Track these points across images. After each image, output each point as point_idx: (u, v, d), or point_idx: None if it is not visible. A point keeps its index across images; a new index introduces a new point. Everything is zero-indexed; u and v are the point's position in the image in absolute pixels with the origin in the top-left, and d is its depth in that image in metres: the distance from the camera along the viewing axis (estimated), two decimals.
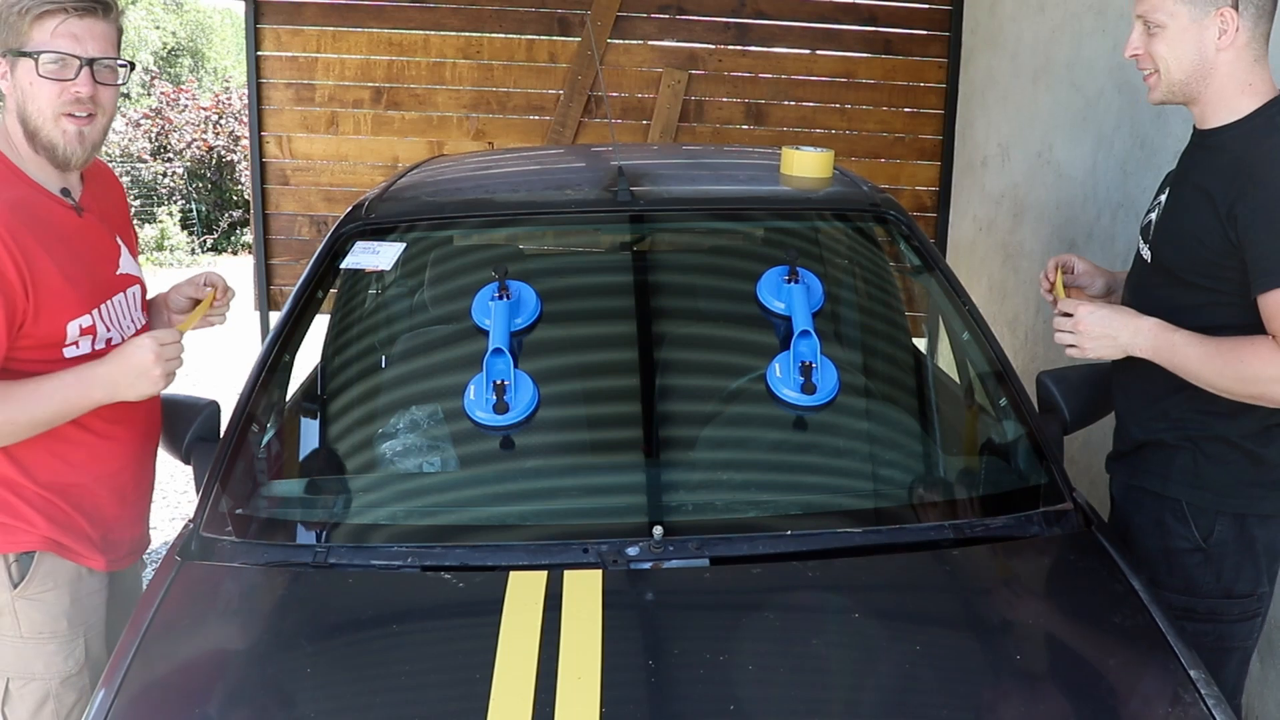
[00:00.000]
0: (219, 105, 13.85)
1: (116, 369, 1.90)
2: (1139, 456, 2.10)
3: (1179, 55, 1.90)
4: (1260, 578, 2.04)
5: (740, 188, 2.67)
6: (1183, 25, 1.88)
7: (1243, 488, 1.99)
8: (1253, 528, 2.00)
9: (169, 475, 4.88)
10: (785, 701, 1.53)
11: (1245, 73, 1.88)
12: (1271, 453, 1.97)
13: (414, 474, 2.08)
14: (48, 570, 1.98)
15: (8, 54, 1.88)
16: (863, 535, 1.86)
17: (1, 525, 1.94)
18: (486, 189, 2.52)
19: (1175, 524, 2.03)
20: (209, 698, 1.58)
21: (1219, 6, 1.84)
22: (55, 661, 2.00)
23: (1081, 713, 1.52)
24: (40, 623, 1.98)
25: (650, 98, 5.05)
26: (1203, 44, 1.87)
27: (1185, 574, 2.02)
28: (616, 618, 1.64)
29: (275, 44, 5.02)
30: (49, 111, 1.88)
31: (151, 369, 1.90)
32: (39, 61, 1.85)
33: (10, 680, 2.00)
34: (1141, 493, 2.09)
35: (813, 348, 2.04)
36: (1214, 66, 1.89)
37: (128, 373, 1.90)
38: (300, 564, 1.83)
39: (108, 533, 2.06)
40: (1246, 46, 1.87)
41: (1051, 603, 1.80)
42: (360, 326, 2.45)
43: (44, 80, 1.86)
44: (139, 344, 1.91)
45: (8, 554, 1.95)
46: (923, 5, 4.99)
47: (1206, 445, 1.99)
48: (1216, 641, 2.00)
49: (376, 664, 1.61)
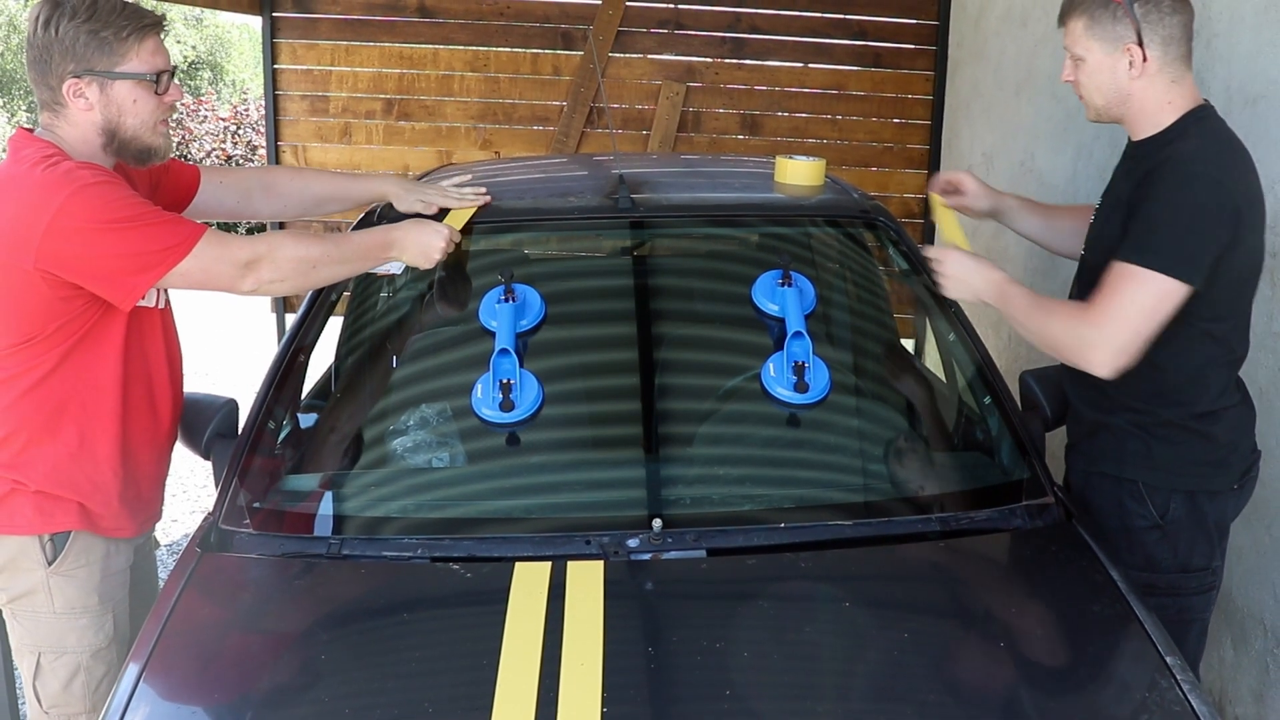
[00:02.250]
0: (237, 116, 13.84)
1: (410, 236, 2.11)
2: (1094, 443, 2.12)
3: (1098, 85, 2.01)
4: (1213, 552, 2.08)
5: (736, 195, 2.66)
6: (1097, 59, 1.98)
7: (1193, 467, 2.03)
8: (1203, 504, 2.04)
9: (189, 470, 4.88)
10: (779, 686, 1.53)
11: (1162, 94, 1.97)
12: (1218, 431, 2.02)
13: (423, 469, 2.08)
14: (81, 548, 1.99)
15: (96, 74, 1.89)
16: (853, 528, 1.86)
17: (38, 506, 1.95)
18: (493, 196, 2.51)
19: (1133, 504, 2.06)
20: (228, 680, 1.58)
21: (1125, 43, 1.94)
22: (87, 635, 2.01)
23: (1062, 697, 1.52)
24: (73, 598, 1.99)
25: (650, 109, 5.05)
26: (1116, 75, 1.97)
27: (1145, 551, 2.05)
28: (618, 607, 1.64)
29: (291, 58, 5.02)
30: (151, 121, 1.96)
31: (434, 250, 2.11)
32: (159, 81, 1.95)
33: (42, 654, 2.01)
34: (1100, 477, 2.11)
35: (805, 348, 2.04)
36: (1129, 93, 1.98)
37: (419, 242, 2.11)
38: (315, 555, 1.83)
39: (140, 490, 2.08)
40: (1159, 73, 1.95)
41: (1033, 592, 1.80)
42: (372, 328, 2.45)
43: (150, 95, 1.94)
44: (437, 228, 2.13)
45: (43, 534, 1.96)
46: (910, 21, 4.99)
47: (1156, 429, 2.03)
48: (1177, 614, 2.02)
49: (388, 650, 1.61)
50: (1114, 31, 1.94)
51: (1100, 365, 1.90)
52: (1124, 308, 1.87)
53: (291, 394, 2.23)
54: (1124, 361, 1.89)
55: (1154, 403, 2.02)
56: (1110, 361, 1.89)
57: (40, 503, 1.95)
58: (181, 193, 2.27)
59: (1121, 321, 1.87)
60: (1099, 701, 1.52)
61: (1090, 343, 1.89)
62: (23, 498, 1.95)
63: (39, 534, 1.96)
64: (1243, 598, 2.62)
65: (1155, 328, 1.88)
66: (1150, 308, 1.86)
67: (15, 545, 1.97)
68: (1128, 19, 1.92)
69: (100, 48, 1.88)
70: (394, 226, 2.13)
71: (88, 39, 1.88)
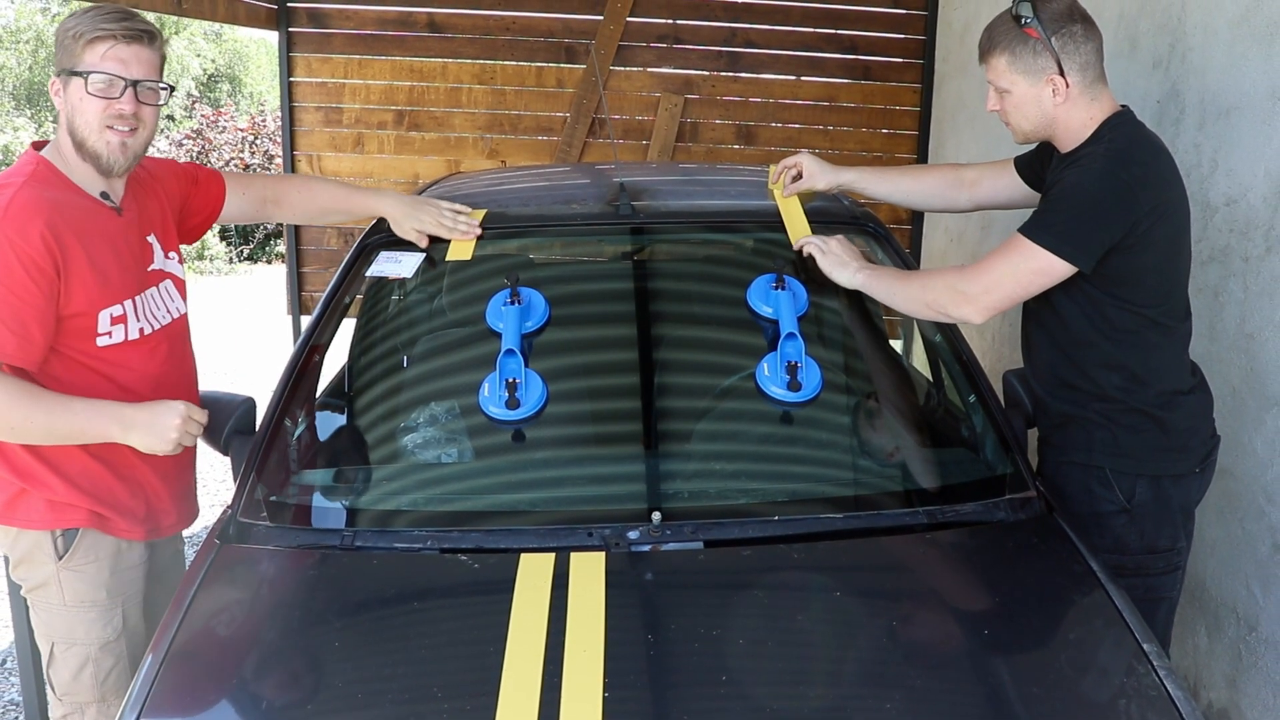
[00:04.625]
0: (255, 127, 13.85)
1: (142, 416, 1.91)
2: (1063, 435, 2.14)
3: (1025, 114, 2.07)
4: (1178, 533, 2.11)
5: (732, 202, 2.66)
6: (1023, 91, 2.04)
7: (1155, 453, 2.06)
8: (1167, 488, 2.07)
9: (209, 466, 4.88)
10: (773, 671, 1.53)
11: (1084, 112, 2.03)
12: (1174, 418, 2.06)
13: (433, 464, 2.08)
14: (90, 544, 1.99)
15: (62, 74, 1.92)
16: (843, 520, 1.86)
17: (49, 504, 1.95)
18: (500, 203, 2.51)
19: (1101, 489, 2.08)
20: (245, 666, 1.58)
21: (1048, 74, 2.00)
22: (95, 629, 2.01)
23: (1044, 681, 1.52)
24: (82, 592, 1.99)
25: (649, 120, 5.05)
26: (1042, 103, 2.04)
27: (1114, 534, 2.07)
28: (618, 596, 1.64)
29: (306, 71, 5.02)
30: (95, 124, 1.91)
31: (170, 432, 1.90)
32: (88, 81, 1.89)
33: (55, 644, 2.01)
34: (1070, 466, 2.13)
35: (798, 349, 2.04)
36: (1055, 118, 2.05)
37: (150, 425, 1.90)
38: (329, 547, 1.83)
39: (150, 505, 2.07)
40: (1081, 95, 2.02)
41: (1016, 582, 1.80)
42: (384, 329, 2.45)
43: (91, 97, 1.89)
44: (173, 407, 1.92)
45: (54, 529, 1.96)
46: (899, 36, 4.99)
47: (1120, 417, 2.06)
48: (1146, 594, 2.03)
49: (399, 637, 1.61)
50: (1035, 64, 2.01)
51: (970, 316, 2.02)
52: (1005, 272, 1.98)
53: (307, 393, 2.23)
54: (988, 317, 2.02)
55: (1120, 393, 2.05)
56: (978, 315, 2.01)
57: (52, 502, 1.96)
58: (213, 202, 2.30)
59: (999, 284, 1.98)
60: (1079, 686, 1.52)
61: (968, 296, 2.00)
62: (36, 497, 1.95)
63: (50, 529, 1.96)
64: (1216, 588, 2.62)
65: (1026, 296, 2.02)
66: (1027, 279, 1.97)
67: (30, 539, 1.97)
68: (1047, 52, 2.00)
69: (66, 48, 1.90)
70: (127, 408, 1.91)
71: (61, 38, 1.91)
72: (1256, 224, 2.43)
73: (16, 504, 1.96)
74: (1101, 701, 1.49)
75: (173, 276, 2.14)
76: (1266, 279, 2.40)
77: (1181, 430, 2.07)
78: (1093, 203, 1.93)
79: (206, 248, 12.60)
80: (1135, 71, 2.98)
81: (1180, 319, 2.09)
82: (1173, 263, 2.04)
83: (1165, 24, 2.83)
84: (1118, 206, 1.92)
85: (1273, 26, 2.37)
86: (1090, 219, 1.93)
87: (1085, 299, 2.02)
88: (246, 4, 4.73)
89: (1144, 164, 1.96)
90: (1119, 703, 1.48)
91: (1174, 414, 2.06)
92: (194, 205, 2.26)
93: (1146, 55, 2.93)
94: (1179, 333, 2.09)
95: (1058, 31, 1.98)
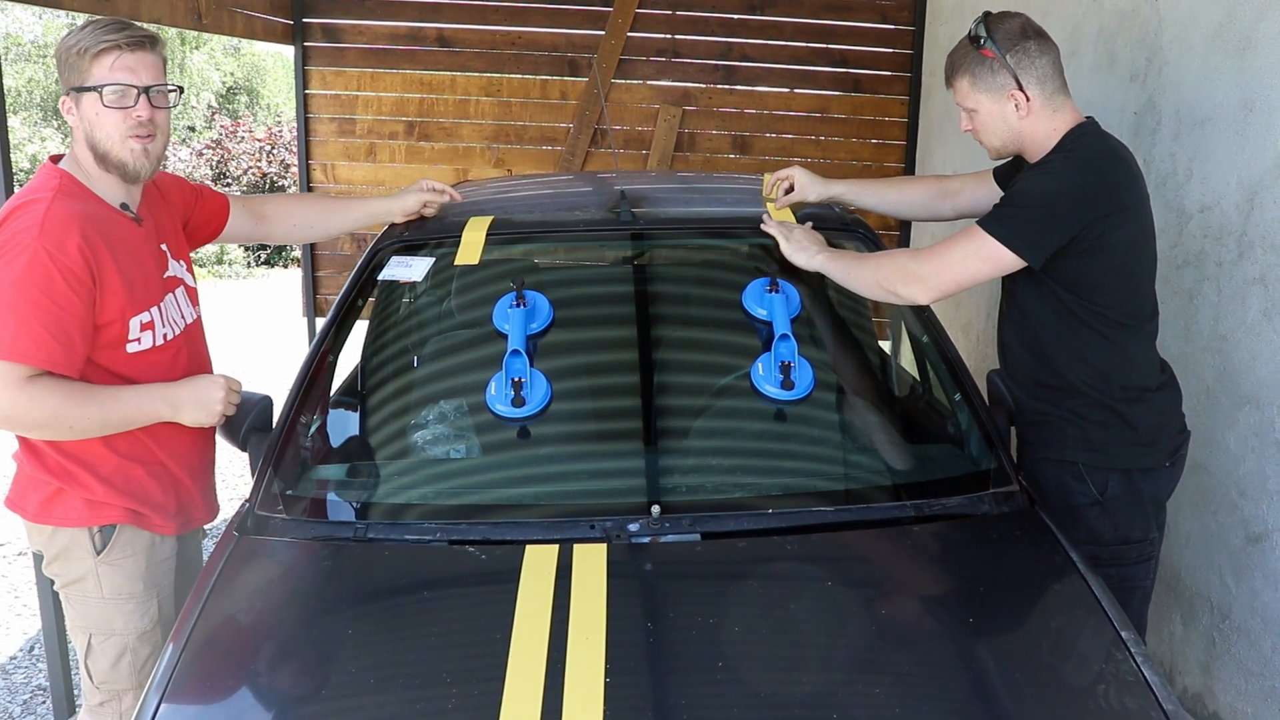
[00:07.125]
0: (271, 137, 13.83)
1: (186, 393, 1.95)
2: (1038, 432, 2.15)
3: (993, 131, 2.10)
4: (1149, 524, 2.11)
5: (728, 209, 2.66)
6: (988, 109, 2.07)
7: (1125, 447, 2.07)
8: (1139, 481, 2.08)
9: (228, 461, 4.88)
10: (768, 659, 1.53)
11: (1048, 124, 2.05)
12: (1142, 414, 2.07)
13: (442, 460, 2.08)
14: (127, 540, 1.98)
15: (71, 91, 1.89)
16: (835, 513, 1.86)
17: (87, 502, 1.95)
18: (506, 210, 2.51)
19: (1075, 483, 2.08)
20: (262, 652, 1.58)
21: (1008, 90, 2.03)
22: (133, 619, 2.00)
23: (1026, 667, 1.52)
24: (120, 585, 1.99)
25: (649, 130, 5.05)
26: (1006, 119, 2.06)
27: (1088, 526, 2.08)
28: (620, 586, 1.64)
29: (321, 84, 5.02)
30: (117, 135, 1.88)
31: (214, 404, 1.97)
32: (103, 94, 1.85)
33: (93, 636, 2.01)
34: (1045, 461, 2.13)
35: (791, 349, 2.04)
36: (1021, 131, 2.07)
37: (195, 400, 1.95)
38: (342, 539, 1.83)
39: (180, 501, 2.07)
40: (1044, 108, 2.04)
41: (999, 572, 1.79)
42: (395, 331, 2.45)
43: (109, 110, 1.86)
44: (214, 380, 1.99)
45: (92, 526, 1.95)
46: (887, 50, 4.99)
47: (1089, 413, 2.06)
48: (1120, 583, 2.03)
49: (409, 625, 1.61)
50: (995, 82, 2.04)
51: (917, 296, 2.04)
52: (956, 258, 2.00)
53: (321, 391, 2.23)
54: (935, 299, 2.05)
55: (1090, 390, 2.05)
56: (925, 296, 2.04)
57: (89, 501, 1.95)
58: (214, 219, 2.29)
59: (949, 267, 2.01)
60: (1060, 671, 1.52)
61: (918, 276, 2.03)
62: (73, 496, 1.95)
63: (88, 526, 1.96)
64: (1191, 578, 2.62)
65: (974, 283, 2.04)
66: (975, 266, 1.99)
67: (67, 537, 1.97)
68: (1004, 69, 2.02)
69: (72, 65, 1.86)
70: (171, 386, 1.94)
71: (65, 56, 1.87)
72: (1229, 230, 2.43)
73: (53, 503, 1.95)
74: (1081, 686, 1.49)
75: (184, 283, 2.14)
76: (1239, 283, 2.40)
77: (1150, 425, 2.07)
78: (1046, 204, 1.96)
79: (225, 253, 12.58)
80: (1114, 84, 2.97)
81: (1145, 319, 2.09)
82: (1135, 265, 2.04)
83: (1143, 39, 2.83)
84: (1069, 209, 1.94)
85: (1244, 41, 2.37)
86: (1042, 218, 1.95)
87: (1053, 301, 2.03)
88: (264, 20, 4.73)
89: (1099, 171, 1.98)
90: (1098, 688, 1.48)
91: (1142, 409, 2.06)
92: (197, 220, 2.25)
93: (1125, 68, 2.92)
94: (1144, 332, 2.09)
95: (1012, 49, 2.01)
